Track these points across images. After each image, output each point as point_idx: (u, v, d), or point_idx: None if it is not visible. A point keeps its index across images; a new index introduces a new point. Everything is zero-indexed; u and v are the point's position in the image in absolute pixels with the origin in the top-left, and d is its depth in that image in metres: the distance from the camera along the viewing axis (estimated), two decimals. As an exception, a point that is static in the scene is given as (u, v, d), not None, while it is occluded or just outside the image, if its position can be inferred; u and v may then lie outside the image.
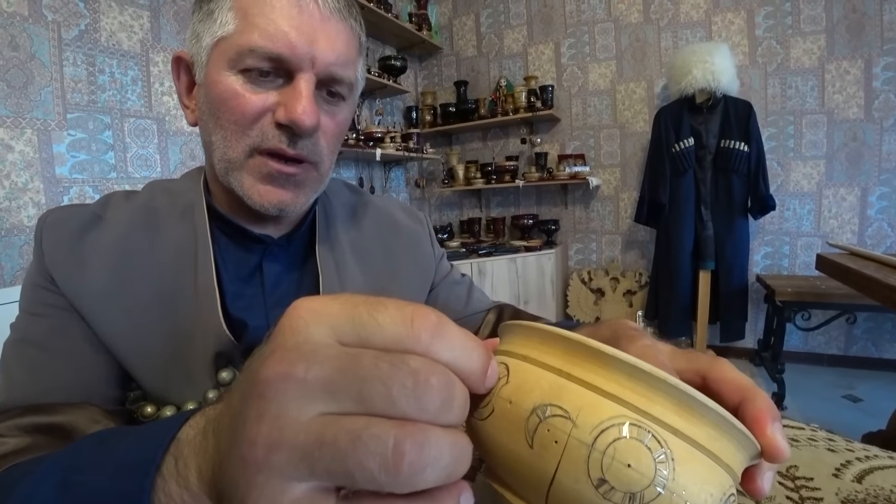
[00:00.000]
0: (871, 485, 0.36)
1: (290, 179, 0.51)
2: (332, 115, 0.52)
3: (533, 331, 0.26)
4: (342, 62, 0.50)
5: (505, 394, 0.24)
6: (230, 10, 0.47)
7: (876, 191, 2.79)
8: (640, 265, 3.37)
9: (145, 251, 0.53)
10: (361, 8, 2.84)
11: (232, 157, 0.50)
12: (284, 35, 0.46)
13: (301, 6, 0.47)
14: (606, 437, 0.21)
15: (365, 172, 3.37)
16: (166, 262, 0.53)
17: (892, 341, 2.79)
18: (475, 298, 0.75)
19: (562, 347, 0.24)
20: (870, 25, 2.69)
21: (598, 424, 0.21)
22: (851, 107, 2.78)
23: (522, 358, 0.25)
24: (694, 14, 3.05)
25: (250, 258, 0.58)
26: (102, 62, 1.90)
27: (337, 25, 0.49)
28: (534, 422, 0.22)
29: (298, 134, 0.48)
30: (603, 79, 3.34)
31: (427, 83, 4.04)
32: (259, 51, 0.46)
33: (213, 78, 0.49)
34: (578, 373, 0.23)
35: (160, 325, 0.51)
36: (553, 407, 0.22)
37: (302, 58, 0.47)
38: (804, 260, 2.93)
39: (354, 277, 0.62)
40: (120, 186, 1.96)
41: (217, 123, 0.50)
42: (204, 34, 0.50)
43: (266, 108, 0.48)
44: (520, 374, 0.24)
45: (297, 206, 0.53)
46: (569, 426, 0.21)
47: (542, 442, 0.22)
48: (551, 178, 3.35)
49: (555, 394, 0.22)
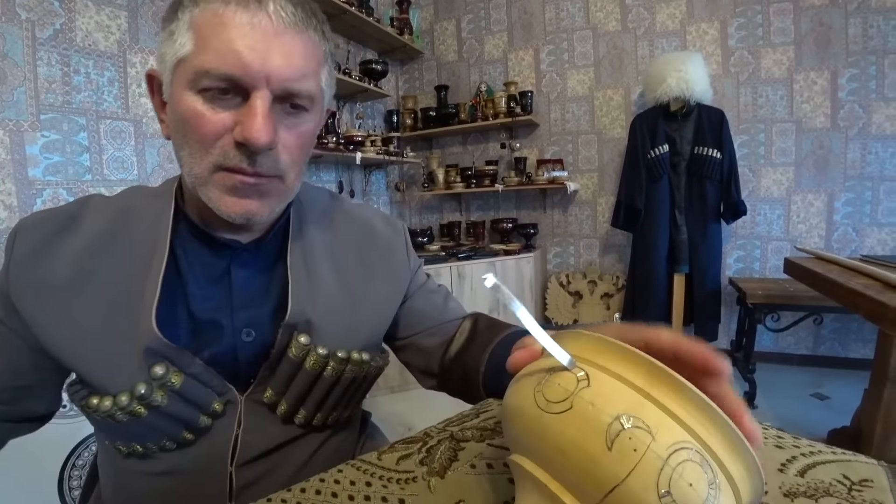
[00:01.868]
0: (812, 478, 0.39)
1: (254, 189, 0.52)
2: (294, 128, 0.53)
3: (614, 346, 0.29)
4: (299, 76, 0.50)
5: (587, 396, 0.26)
6: (188, 30, 0.48)
7: (842, 197, 2.90)
8: (617, 268, 3.43)
9: (108, 255, 0.55)
10: (343, 12, 2.86)
11: (198, 172, 0.51)
12: (237, 55, 0.46)
13: (253, 23, 0.47)
14: (678, 456, 0.24)
15: (345, 176, 3.37)
16: (125, 264, 0.55)
17: (858, 341, 2.90)
18: (451, 307, 0.76)
19: (646, 369, 0.27)
20: (835, 38, 2.80)
21: (674, 444, 0.24)
22: (818, 116, 2.88)
23: (601, 368, 0.28)
24: (670, 24, 3.13)
25: (219, 263, 0.59)
26: (78, 62, 1.88)
27: (293, 39, 0.49)
28: (616, 428, 0.25)
29: (254, 152, 0.49)
30: (581, 85, 3.40)
31: (408, 87, 4.06)
32: (213, 72, 0.47)
33: (177, 97, 0.50)
34: (656, 394, 0.26)
35: (108, 322, 0.53)
36: (636, 419, 0.25)
37: (255, 77, 0.47)
38: (775, 263, 3.02)
39: (327, 283, 0.63)
40: (95, 189, 1.94)
41: (184, 140, 0.51)
42: (167, 54, 0.51)
43: (226, 127, 0.49)
44: (600, 381, 0.27)
45: (263, 214, 0.54)
46: (648, 439, 0.24)
47: (622, 447, 0.24)
48: (530, 182, 3.39)
49: (636, 407, 0.25)
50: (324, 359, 0.59)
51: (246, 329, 0.58)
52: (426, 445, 0.48)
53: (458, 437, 0.50)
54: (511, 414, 0.31)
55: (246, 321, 0.59)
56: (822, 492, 0.37)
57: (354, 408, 0.72)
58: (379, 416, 2.54)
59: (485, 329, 0.69)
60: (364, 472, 0.45)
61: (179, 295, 0.57)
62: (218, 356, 0.57)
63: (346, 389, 0.64)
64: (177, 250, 0.58)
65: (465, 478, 0.43)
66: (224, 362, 0.57)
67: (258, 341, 0.59)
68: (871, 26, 2.73)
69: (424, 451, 0.47)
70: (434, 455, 0.47)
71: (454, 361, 0.69)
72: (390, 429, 2.46)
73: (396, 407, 2.65)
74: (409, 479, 0.43)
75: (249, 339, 0.59)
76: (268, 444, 0.60)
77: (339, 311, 0.63)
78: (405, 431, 0.50)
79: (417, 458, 0.46)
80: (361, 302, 0.65)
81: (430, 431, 0.52)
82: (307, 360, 0.59)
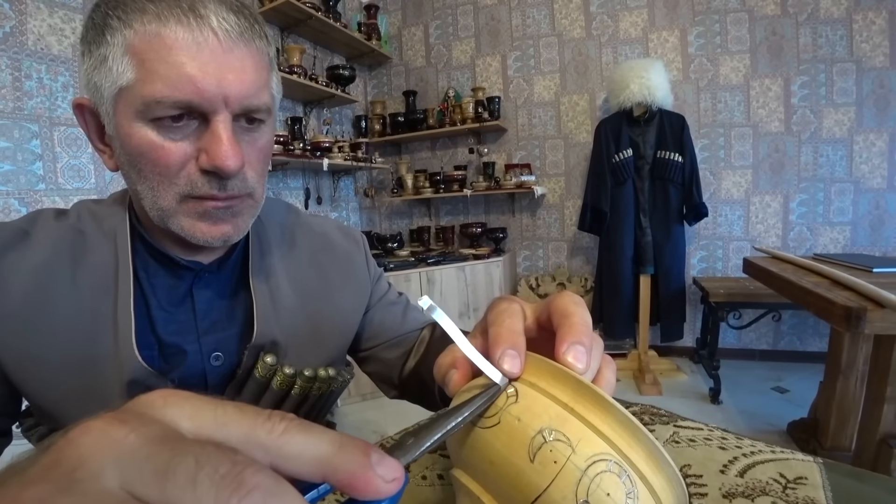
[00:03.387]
0: (751, 478, 0.40)
1: (227, 212, 0.51)
2: (254, 142, 0.51)
3: (545, 364, 0.30)
4: (255, 91, 0.48)
5: (514, 411, 0.28)
6: (124, 55, 0.44)
7: (796, 198, 3.02)
8: (585, 271, 3.49)
9: (67, 280, 0.52)
10: (309, 17, 2.84)
11: (164, 205, 0.49)
12: (189, 80, 0.43)
13: (199, 42, 0.44)
14: (596, 467, 0.25)
15: (312, 182, 3.33)
16: (88, 290, 0.52)
17: (815, 335, 3.02)
18: (411, 317, 0.75)
19: (572, 387, 0.28)
20: (788, 47, 2.92)
21: (592, 456, 0.25)
22: (773, 121, 3.00)
23: (530, 385, 0.29)
24: (632, 31, 3.21)
25: (180, 285, 0.57)
26: (30, 67, 1.81)
27: (242, 53, 0.47)
28: (538, 441, 0.26)
29: (225, 178, 0.48)
30: (547, 91, 3.45)
31: (376, 92, 4.05)
32: (166, 101, 0.44)
33: (126, 131, 0.46)
34: (580, 409, 0.27)
35: (76, 355, 0.50)
36: (557, 433, 0.26)
37: (213, 100, 0.45)
38: (736, 262, 3.12)
39: (290, 301, 0.62)
40: (49, 198, 1.87)
41: (140, 175, 0.48)
42: (102, 83, 0.46)
43: (188, 156, 0.47)
44: (528, 397, 0.28)
45: (238, 233, 0.53)
46: (568, 451, 0.25)
47: (543, 459, 0.26)
48: (499, 187, 3.42)
49: (560, 422, 0.27)
50: (290, 378, 0.59)
51: (214, 353, 0.57)
52: (381, 458, 0.48)
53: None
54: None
55: (214, 346, 0.57)
56: (758, 491, 0.38)
57: (321, 422, 0.72)
58: (352, 424, 2.53)
59: (438, 339, 0.69)
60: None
61: (144, 318, 0.54)
62: (187, 379, 0.56)
63: (313, 406, 0.64)
64: (139, 272, 0.55)
65: (416, 489, 0.43)
66: (193, 385, 0.56)
67: (226, 364, 0.58)
68: (820, 36, 2.86)
69: None
70: None
71: (413, 372, 0.69)
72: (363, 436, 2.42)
73: (369, 415, 2.64)
74: None
75: (218, 364, 0.57)
76: None
77: (303, 330, 0.62)
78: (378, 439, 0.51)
79: None
80: (324, 318, 0.65)
81: (384, 443, 0.52)
82: (274, 379, 0.58)
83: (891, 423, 1.45)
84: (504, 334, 0.32)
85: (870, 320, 1.16)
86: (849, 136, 2.89)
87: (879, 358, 1.48)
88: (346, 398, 2.78)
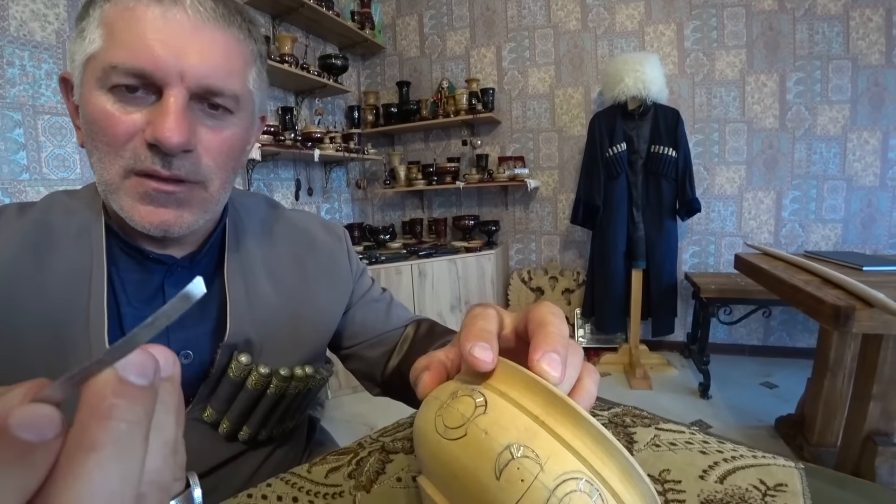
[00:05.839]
0: (730, 485, 0.39)
1: (170, 198, 0.48)
2: (218, 131, 0.50)
3: (518, 373, 0.28)
4: (221, 74, 0.47)
5: (482, 424, 0.26)
6: (98, 26, 0.45)
7: (789, 195, 3.02)
8: (577, 264, 3.48)
9: (33, 276, 0.50)
10: (301, 5, 2.79)
11: (108, 178, 0.48)
12: (148, 49, 0.44)
13: (167, 17, 0.44)
14: (566, 487, 0.23)
15: (303, 174, 3.30)
16: (57, 286, 0.50)
17: (804, 331, 3.04)
18: (394, 315, 0.74)
19: (544, 398, 0.27)
20: (784, 43, 2.91)
21: (562, 474, 0.24)
22: (768, 117, 2.99)
23: (500, 394, 0.28)
24: (629, 24, 3.19)
25: (152, 279, 0.56)
26: (12, 54, 1.77)
27: (212, 35, 0.46)
28: (506, 457, 0.24)
29: (168, 153, 0.46)
30: (542, 83, 3.43)
31: (370, 83, 4.01)
32: (121, 66, 0.44)
33: (86, 98, 0.46)
34: (552, 423, 0.26)
35: (46, 348, 0.49)
36: (526, 448, 0.24)
37: (168, 72, 0.44)
38: (728, 258, 3.12)
39: (267, 298, 0.60)
40: (34, 188, 1.83)
41: (94, 144, 0.47)
42: (76, 52, 0.47)
43: (137, 127, 0.46)
44: (497, 409, 0.27)
45: (182, 226, 0.50)
46: (537, 469, 0.24)
47: (510, 477, 0.24)
48: (492, 179, 3.40)
49: (529, 437, 0.25)
50: (266, 377, 0.57)
51: (184, 351, 0.55)
52: (357, 457, 0.48)
53: (389, 449, 0.49)
54: (417, 437, 0.31)
55: (183, 343, 0.55)
56: (737, 498, 0.37)
57: (300, 417, 0.70)
58: (342, 417, 2.53)
59: (422, 337, 0.68)
60: (292, 487, 0.44)
61: (114, 315, 0.53)
62: None
63: (290, 403, 0.63)
64: (111, 267, 0.54)
65: (390, 491, 0.43)
66: None
67: (196, 362, 0.56)
68: (816, 32, 2.85)
69: (354, 463, 0.47)
70: (363, 468, 0.46)
71: (396, 371, 0.68)
72: (353, 429, 2.43)
73: (359, 407, 2.63)
74: (336, 493, 0.43)
75: (187, 362, 0.56)
76: (210, 461, 0.58)
77: (281, 328, 0.61)
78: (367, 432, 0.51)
79: (346, 470, 0.46)
80: (303, 316, 0.63)
81: (363, 442, 0.51)
82: (249, 379, 0.56)
83: (876, 421, 1.46)
84: (475, 332, 0.31)
85: (858, 319, 1.16)
86: (843, 133, 2.89)
87: (867, 356, 1.48)
88: (336, 391, 2.77)
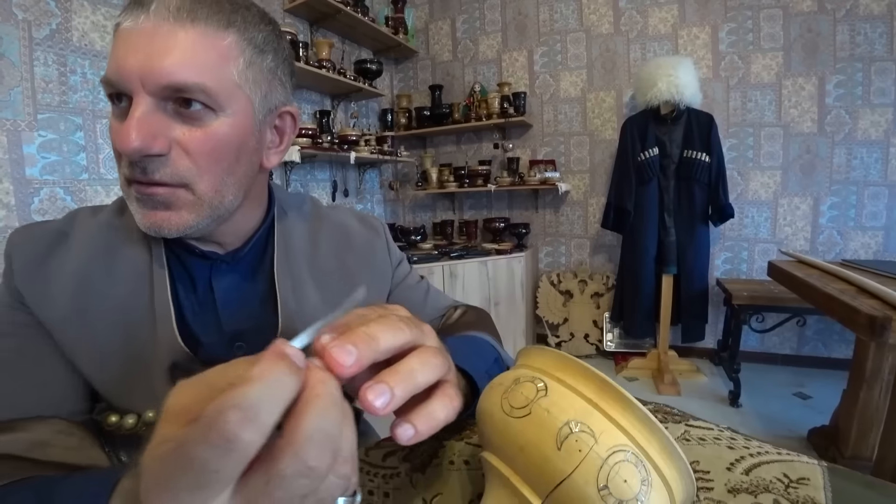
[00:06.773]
0: (755, 476, 0.43)
1: (157, 200, 0.49)
2: (195, 130, 0.48)
3: (574, 363, 0.34)
4: (184, 70, 0.45)
5: (544, 404, 0.32)
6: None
7: (827, 201, 2.96)
8: (607, 268, 3.48)
9: (103, 278, 0.55)
10: (337, 12, 2.88)
11: (121, 185, 0.51)
12: (115, 59, 0.45)
13: (136, 26, 0.45)
14: (616, 457, 0.29)
15: (339, 175, 3.40)
16: (123, 286, 0.55)
17: (841, 341, 2.96)
18: (431, 302, 0.77)
19: (597, 384, 0.32)
20: (824, 45, 2.85)
21: (613, 447, 0.29)
22: (806, 121, 2.94)
23: (558, 381, 0.33)
24: (662, 28, 3.17)
25: (201, 273, 0.59)
26: (74, 62, 1.89)
27: (172, 31, 0.45)
28: (565, 432, 0.30)
29: (132, 160, 0.47)
30: (574, 87, 3.44)
31: (402, 86, 4.08)
32: (104, 80, 0.47)
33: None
34: (604, 405, 0.31)
35: (120, 346, 0.54)
36: (583, 425, 0.30)
37: (130, 79, 0.45)
38: (761, 265, 3.07)
39: (311, 298, 0.63)
40: (92, 188, 1.96)
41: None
42: None
43: None
44: (557, 392, 0.32)
45: (173, 227, 0.50)
46: (592, 442, 0.29)
47: (569, 448, 0.29)
48: (523, 182, 3.43)
49: (585, 415, 0.31)
50: None
51: (238, 343, 0.59)
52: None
53: (439, 437, 0.53)
54: (483, 416, 0.36)
55: (236, 336, 0.59)
56: (762, 488, 0.41)
57: None
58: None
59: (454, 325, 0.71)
60: (352, 467, 0.48)
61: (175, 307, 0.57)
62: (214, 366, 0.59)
63: None
64: (171, 262, 0.58)
65: (444, 473, 0.46)
66: None
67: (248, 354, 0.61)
68: (858, 33, 2.78)
69: (408, 448, 0.51)
70: (416, 452, 0.50)
71: None
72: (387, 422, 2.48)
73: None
74: (394, 474, 0.47)
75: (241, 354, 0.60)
76: None
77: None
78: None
79: (401, 454, 0.50)
80: None
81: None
82: None
83: (913, 433, 1.44)
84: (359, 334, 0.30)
85: (894, 330, 1.15)
86: (885, 137, 2.81)
87: (904, 367, 1.46)
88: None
